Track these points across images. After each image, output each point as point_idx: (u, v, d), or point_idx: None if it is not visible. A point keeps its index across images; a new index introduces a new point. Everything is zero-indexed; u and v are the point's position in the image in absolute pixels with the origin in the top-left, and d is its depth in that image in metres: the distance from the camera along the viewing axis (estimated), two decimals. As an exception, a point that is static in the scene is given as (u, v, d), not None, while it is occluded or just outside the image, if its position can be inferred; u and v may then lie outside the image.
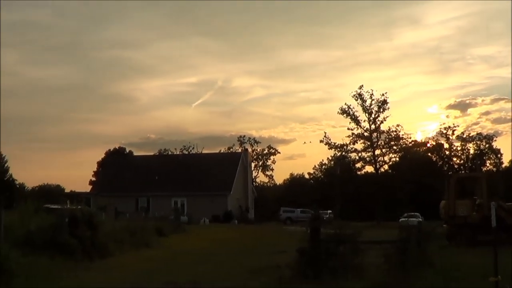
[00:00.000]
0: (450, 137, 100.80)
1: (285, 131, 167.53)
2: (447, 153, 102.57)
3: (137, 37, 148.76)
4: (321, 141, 79.55)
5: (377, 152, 77.14)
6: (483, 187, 28.33)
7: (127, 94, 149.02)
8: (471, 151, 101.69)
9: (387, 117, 75.65)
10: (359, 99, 75.18)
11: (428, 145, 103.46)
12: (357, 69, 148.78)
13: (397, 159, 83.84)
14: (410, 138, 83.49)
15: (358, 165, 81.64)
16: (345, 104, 76.31)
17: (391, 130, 76.96)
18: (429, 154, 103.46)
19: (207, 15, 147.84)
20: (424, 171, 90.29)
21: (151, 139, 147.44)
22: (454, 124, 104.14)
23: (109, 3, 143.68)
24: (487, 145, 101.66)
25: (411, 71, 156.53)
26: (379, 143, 76.85)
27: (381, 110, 75.18)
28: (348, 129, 76.63)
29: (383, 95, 75.41)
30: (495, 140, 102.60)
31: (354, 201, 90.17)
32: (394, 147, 78.85)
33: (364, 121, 75.70)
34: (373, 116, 75.17)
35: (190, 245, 29.90)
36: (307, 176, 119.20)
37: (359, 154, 78.34)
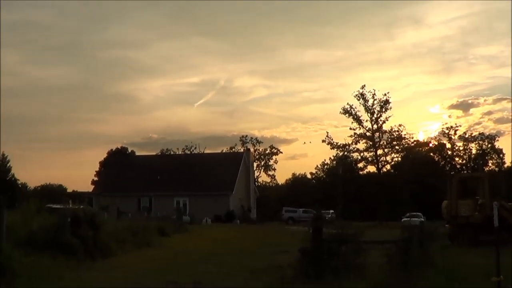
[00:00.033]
0: (452, 137, 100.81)
1: (287, 131, 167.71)
2: (449, 153, 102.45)
3: (138, 37, 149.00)
4: (323, 141, 79.71)
5: (379, 152, 77.21)
6: (485, 187, 28.32)
7: (129, 94, 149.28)
8: (473, 151, 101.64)
9: (389, 117, 75.80)
10: (361, 99, 75.34)
11: (430, 145, 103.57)
12: (359, 69, 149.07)
13: (399, 159, 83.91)
14: (412, 138, 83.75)
15: (360, 165, 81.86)
16: (347, 104, 76.56)
17: (393, 130, 77.11)
18: (431, 154, 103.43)
19: (209, 15, 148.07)
20: (426, 171, 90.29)
21: (153, 139, 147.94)
22: (456, 124, 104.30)
23: (110, 3, 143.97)
24: (489, 145, 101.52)
25: (413, 71, 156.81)
26: (381, 143, 76.92)
27: (383, 110, 75.29)
28: (350, 129, 76.83)
29: (385, 95, 75.63)
30: (497, 140, 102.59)
31: (356, 201, 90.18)
32: (396, 147, 78.92)
33: (366, 121, 75.86)
34: (375, 116, 75.25)
35: (192, 245, 29.89)
36: (309, 176, 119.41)
37: (361, 154, 78.53)
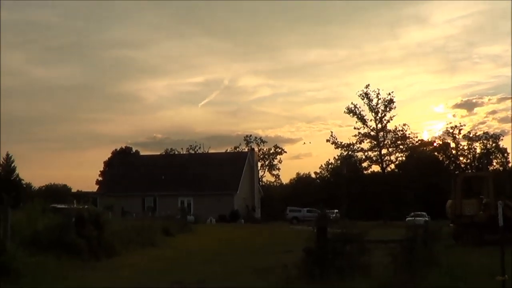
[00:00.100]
0: (457, 136, 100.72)
1: (292, 131, 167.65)
2: (453, 152, 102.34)
3: (142, 37, 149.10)
4: (328, 140, 79.78)
5: (384, 151, 77.19)
6: (489, 186, 28.27)
7: (133, 94, 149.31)
8: (478, 150, 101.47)
9: (393, 116, 75.74)
10: (365, 98, 75.31)
11: (435, 144, 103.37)
12: (363, 68, 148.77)
13: (404, 158, 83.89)
14: (417, 137, 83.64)
15: (364, 164, 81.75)
16: (352, 103, 76.51)
17: (398, 129, 77.08)
18: (435, 154, 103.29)
19: (212, 15, 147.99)
20: (430, 171, 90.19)
21: (158, 139, 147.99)
22: (460, 123, 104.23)
23: (114, 3, 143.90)
24: (493, 144, 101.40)
25: (417, 70, 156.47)
26: (385, 142, 76.86)
27: (388, 109, 75.24)
28: (355, 128, 76.80)
29: (389, 94, 75.55)
30: (501, 139, 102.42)
31: (361, 201, 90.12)
32: (401, 147, 78.88)
33: (371, 120, 75.83)
34: (379, 115, 75.19)
35: (197, 244, 29.91)
36: (313, 176, 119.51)
37: (366, 154, 78.49)
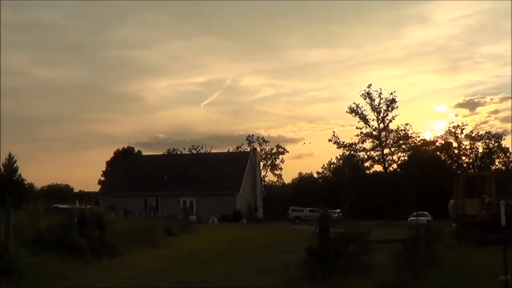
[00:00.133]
0: (459, 136, 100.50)
1: (294, 130, 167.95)
2: (456, 152, 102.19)
3: (145, 37, 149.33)
4: (330, 140, 79.76)
5: (386, 151, 77.19)
6: (492, 185, 28.25)
7: (135, 93, 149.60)
8: (480, 150, 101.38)
9: (395, 116, 75.76)
10: (367, 98, 75.31)
11: (437, 144, 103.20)
12: (365, 68, 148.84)
13: (406, 158, 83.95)
14: (419, 137, 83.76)
15: (366, 164, 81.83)
16: (354, 103, 76.55)
17: (400, 129, 77.10)
18: (438, 153, 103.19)
19: (215, 14, 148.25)
20: (432, 170, 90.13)
21: (160, 139, 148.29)
22: (463, 123, 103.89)
23: (118, 3, 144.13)
24: (496, 144, 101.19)
25: (419, 69, 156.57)
26: (387, 142, 76.90)
27: (390, 109, 75.27)
28: (357, 128, 76.83)
29: (391, 94, 75.58)
30: (504, 139, 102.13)
31: (363, 200, 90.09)
32: (403, 146, 78.93)
33: (373, 120, 75.84)
34: (381, 115, 75.23)
35: (199, 244, 29.90)
36: (315, 175, 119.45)
37: (368, 153, 78.54)
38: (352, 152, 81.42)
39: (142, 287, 15.07)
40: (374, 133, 76.01)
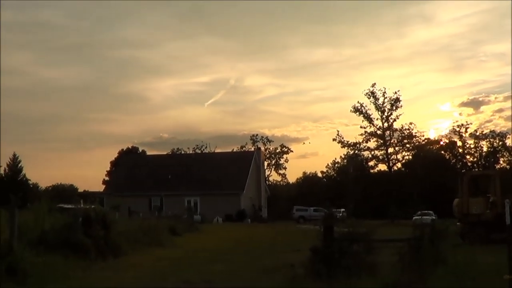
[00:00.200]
0: (463, 134, 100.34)
1: (298, 130, 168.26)
2: (460, 151, 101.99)
3: (149, 37, 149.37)
4: (334, 139, 79.84)
5: (390, 150, 77.22)
6: (496, 184, 28.21)
7: (139, 93, 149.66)
8: (485, 149, 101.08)
9: (399, 115, 75.83)
10: (371, 97, 75.36)
11: (441, 143, 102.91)
12: (369, 67, 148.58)
13: (410, 157, 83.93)
14: (423, 136, 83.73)
15: (371, 163, 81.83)
16: (358, 102, 76.67)
17: (404, 128, 77.13)
18: (442, 152, 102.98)
19: (219, 14, 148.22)
20: (437, 169, 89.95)
21: (164, 139, 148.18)
22: (467, 122, 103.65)
23: (122, 3, 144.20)
24: (500, 143, 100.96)
25: (423, 69, 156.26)
26: (392, 141, 76.89)
27: (394, 108, 75.30)
28: (361, 127, 76.90)
29: (395, 93, 75.59)
30: (508, 138, 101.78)
31: (367, 200, 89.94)
32: (407, 145, 78.91)
33: (377, 119, 75.89)
34: (385, 114, 75.23)
35: (203, 244, 29.92)
36: (320, 175, 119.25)
37: (372, 152, 78.58)
38: (356, 152, 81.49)
39: (147, 287, 15.08)
40: (378, 132, 76.04)
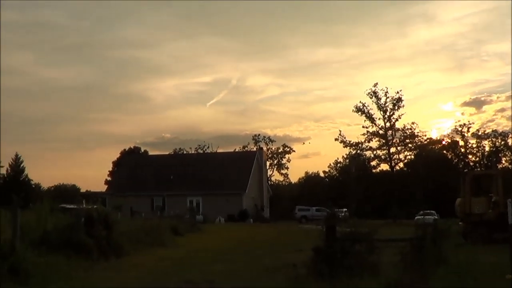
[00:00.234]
0: (466, 134, 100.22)
1: (300, 130, 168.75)
2: (462, 150, 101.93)
3: (151, 37, 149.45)
4: (336, 139, 79.70)
5: (392, 150, 77.10)
6: (498, 184, 28.16)
7: (141, 93, 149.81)
8: (487, 149, 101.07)
9: (402, 114, 75.72)
10: (374, 97, 75.26)
11: (444, 142, 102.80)
12: (371, 67, 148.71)
13: (412, 157, 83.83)
14: (425, 135, 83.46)
15: (373, 163, 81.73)
16: (360, 102, 76.56)
17: (406, 127, 76.99)
18: (444, 152, 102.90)
19: (221, 14, 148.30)
20: (439, 169, 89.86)
21: (166, 139, 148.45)
22: (469, 121, 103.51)
23: (122, 3, 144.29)
24: (502, 142, 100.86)
25: (425, 68, 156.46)
26: (394, 141, 76.79)
27: (396, 107, 75.19)
28: (363, 127, 76.78)
29: (398, 92, 75.50)
30: (510, 137, 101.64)
31: (369, 199, 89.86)
32: (409, 145, 78.79)
33: (379, 119, 75.80)
34: (388, 113, 75.16)
35: (206, 244, 29.94)
36: (322, 175, 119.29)
37: (374, 152, 78.48)
38: (359, 151, 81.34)
39: (149, 287, 15.09)
40: (381, 132, 75.97)
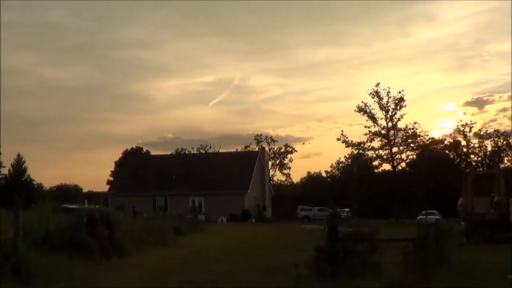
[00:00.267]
0: (468, 134, 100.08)
1: (302, 130, 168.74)
2: (464, 150, 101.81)
3: (153, 37, 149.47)
4: (338, 139, 79.67)
5: (394, 149, 77.09)
6: (501, 184, 28.14)
7: (143, 93, 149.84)
8: (489, 148, 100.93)
9: (404, 114, 75.68)
10: (376, 97, 75.24)
11: (446, 142, 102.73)
12: (373, 66, 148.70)
13: (415, 156, 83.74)
14: (427, 135, 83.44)
15: (375, 163, 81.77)
16: (362, 102, 76.52)
17: (408, 127, 76.96)
18: (446, 152, 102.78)
19: (223, 14, 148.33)
20: (441, 169, 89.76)
21: (168, 139, 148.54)
22: (471, 121, 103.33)
23: (125, 3, 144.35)
24: (504, 142, 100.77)
25: (427, 68, 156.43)
26: (396, 140, 76.76)
27: (398, 107, 75.18)
28: (365, 127, 76.77)
29: (400, 92, 75.48)
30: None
31: (372, 199, 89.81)
32: (411, 145, 78.75)
33: (381, 118, 75.78)
34: (390, 113, 75.15)
35: (208, 244, 29.95)
36: (324, 175, 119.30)
37: (376, 152, 78.46)
38: (361, 151, 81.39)
39: (151, 287, 15.10)
40: (383, 131, 75.94)
